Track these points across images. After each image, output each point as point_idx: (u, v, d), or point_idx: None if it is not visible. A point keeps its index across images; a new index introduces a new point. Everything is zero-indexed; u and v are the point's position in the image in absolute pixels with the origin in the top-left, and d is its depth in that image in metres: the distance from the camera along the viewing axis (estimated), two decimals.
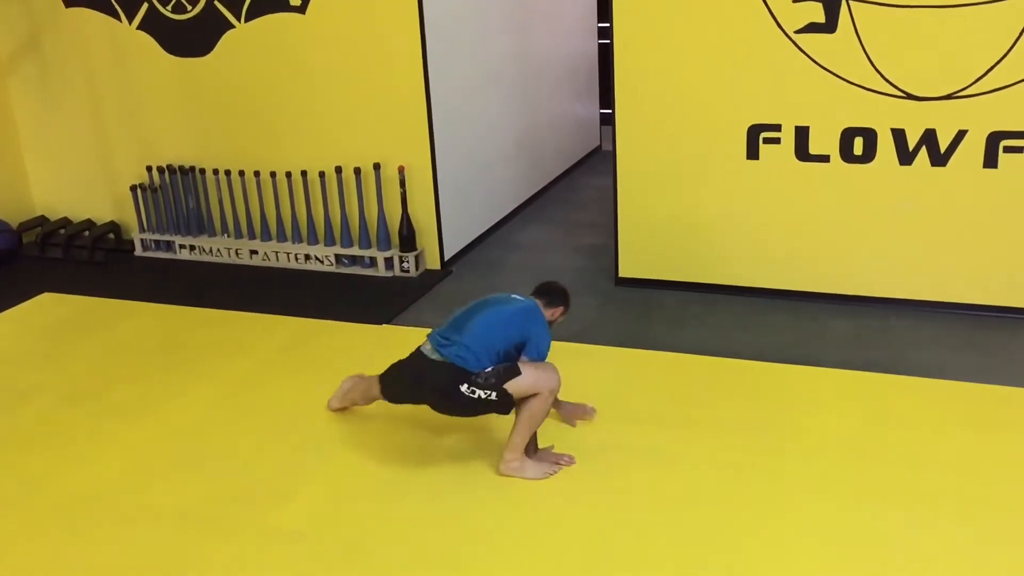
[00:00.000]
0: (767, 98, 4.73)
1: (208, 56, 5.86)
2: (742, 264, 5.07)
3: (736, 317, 4.87)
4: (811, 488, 3.41)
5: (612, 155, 5.14)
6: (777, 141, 4.78)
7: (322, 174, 5.75)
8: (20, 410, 4.30)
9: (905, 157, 4.59)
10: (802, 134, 4.72)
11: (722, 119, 4.84)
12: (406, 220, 5.60)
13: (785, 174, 4.82)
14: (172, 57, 5.95)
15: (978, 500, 3.29)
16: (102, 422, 4.15)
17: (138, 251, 6.33)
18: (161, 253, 6.28)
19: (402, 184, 5.55)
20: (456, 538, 3.24)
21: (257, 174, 5.94)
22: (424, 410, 3.63)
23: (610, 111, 5.08)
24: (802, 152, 4.75)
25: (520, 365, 3.43)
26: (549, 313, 3.64)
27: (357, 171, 5.64)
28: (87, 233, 6.40)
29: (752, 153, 4.84)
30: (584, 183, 7.43)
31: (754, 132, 4.80)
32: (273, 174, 5.88)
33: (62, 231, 6.45)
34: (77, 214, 6.62)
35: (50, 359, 4.84)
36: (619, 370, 4.44)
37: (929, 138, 4.52)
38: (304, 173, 5.78)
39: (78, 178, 6.54)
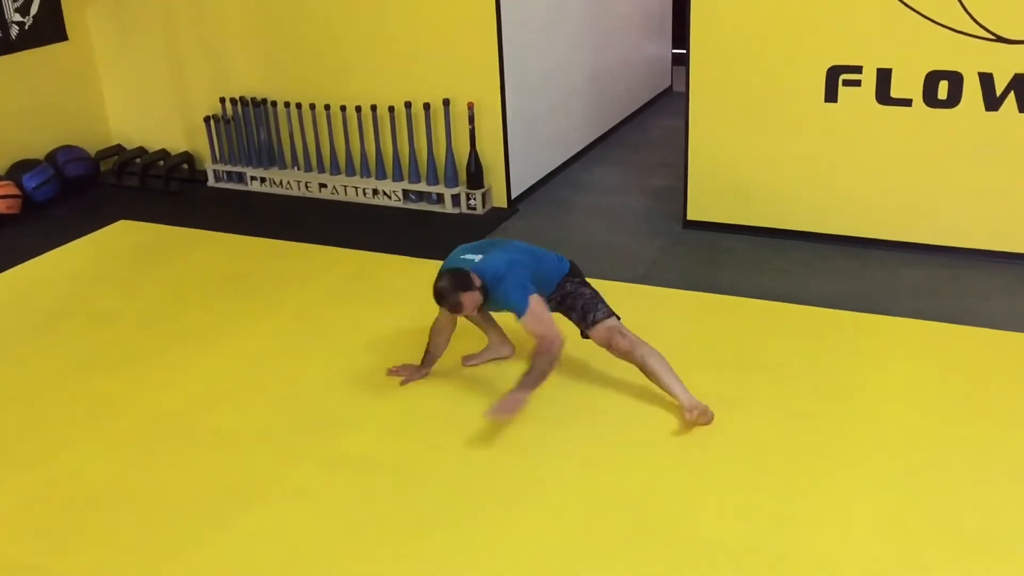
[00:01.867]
0: (848, 39, 4.58)
1: None
2: (814, 209, 4.96)
3: (806, 263, 4.78)
4: (876, 438, 3.36)
5: (684, 96, 5.04)
6: (857, 83, 4.63)
7: (391, 109, 5.75)
8: (97, 333, 4.44)
9: (992, 103, 4.42)
10: (884, 77, 4.57)
11: (800, 60, 4.71)
12: (474, 157, 5.58)
13: (864, 118, 4.68)
14: None
15: None
16: (174, 347, 4.26)
17: (211, 181, 6.43)
18: (233, 184, 6.36)
19: (471, 121, 5.52)
20: (516, 474, 3.29)
21: (328, 108, 5.96)
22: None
23: (683, 51, 4.97)
24: (883, 95, 4.60)
25: None
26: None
27: (426, 107, 5.62)
28: (162, 163, 6.52)
29: (831, 95, 4.70)
30: (653, 124, 7.31)
31: (833, 74, 4.66)
32: (343, 108, 5.89)
33: (138, 160, 6.57)
34: (152, 144, 6.74)
35: (125, 284, 4.98)
36: (684, 313, 4.40)
37: (1018, 83, 4.34)
38: (374, 108, 5.78)
39: (153, 109, 6.64)
